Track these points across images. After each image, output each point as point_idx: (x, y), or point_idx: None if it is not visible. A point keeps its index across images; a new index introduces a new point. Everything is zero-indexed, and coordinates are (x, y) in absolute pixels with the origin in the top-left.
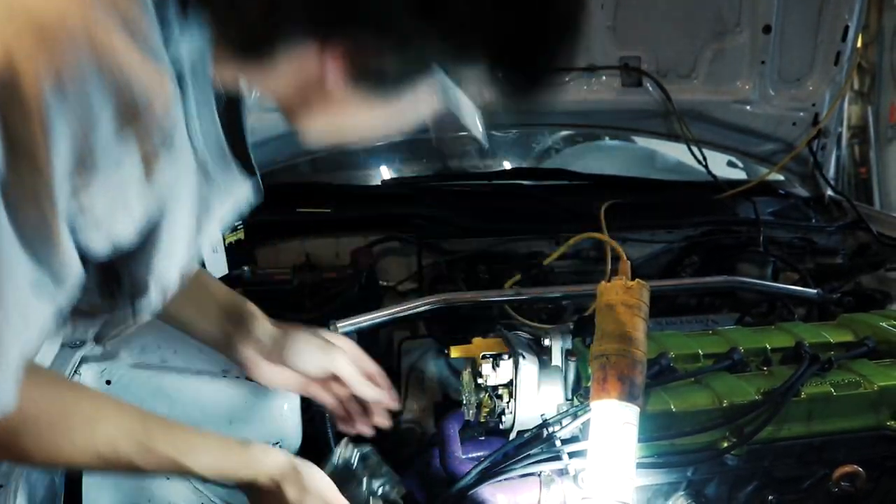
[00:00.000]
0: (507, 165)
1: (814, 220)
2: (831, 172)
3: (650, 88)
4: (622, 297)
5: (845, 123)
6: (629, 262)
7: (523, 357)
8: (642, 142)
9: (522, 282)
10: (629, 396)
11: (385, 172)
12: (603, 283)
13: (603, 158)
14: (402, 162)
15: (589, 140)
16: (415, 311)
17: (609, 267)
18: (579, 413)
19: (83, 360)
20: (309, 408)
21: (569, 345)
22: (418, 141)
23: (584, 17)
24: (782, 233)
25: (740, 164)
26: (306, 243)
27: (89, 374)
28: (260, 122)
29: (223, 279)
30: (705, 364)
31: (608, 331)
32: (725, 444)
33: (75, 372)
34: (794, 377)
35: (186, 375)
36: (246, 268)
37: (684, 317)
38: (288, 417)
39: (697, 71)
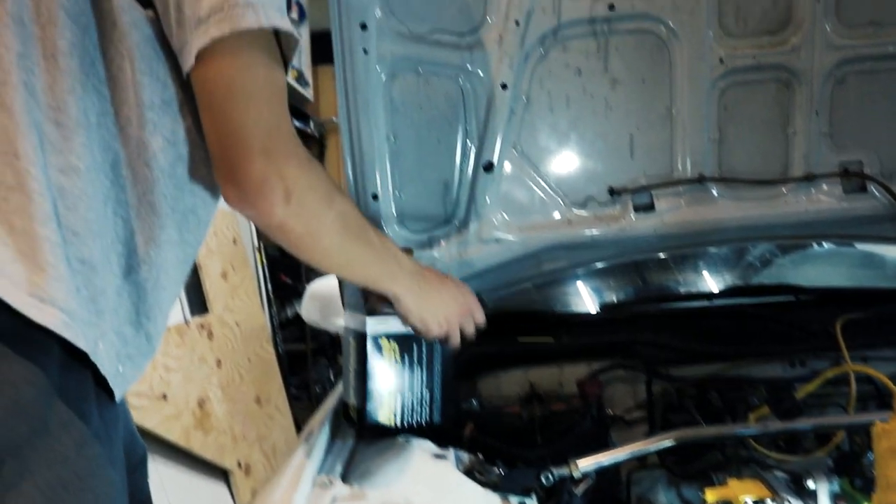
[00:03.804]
0: (715, 281)
1: None
2: None
3: (876, 193)
4: None
5: None
6: None
7: (789, 503)
8: (864, 245)
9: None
10: None
11: (597, 297)
12: (880, 424)
13: (822, 266)
14: (612, 285)
15: (803, 247)
16: (655, 447)
17: (853, 393)
18: None
19: (334, 500)
20: None
21: (835, 487)
22: (627, 264)
23: None
24: None
25: None
26: (529, 373)
27: None
28: (478, 253)
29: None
30: None
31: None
32: None
33: None
34: None
35: None
36: (474, 400)
37: None
38: None
39: None
